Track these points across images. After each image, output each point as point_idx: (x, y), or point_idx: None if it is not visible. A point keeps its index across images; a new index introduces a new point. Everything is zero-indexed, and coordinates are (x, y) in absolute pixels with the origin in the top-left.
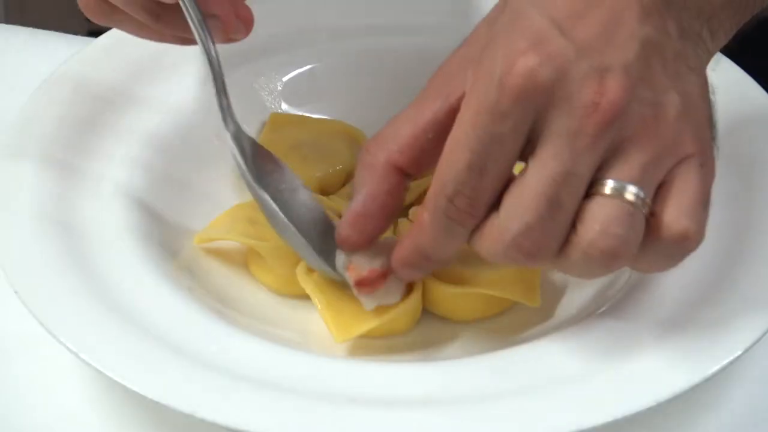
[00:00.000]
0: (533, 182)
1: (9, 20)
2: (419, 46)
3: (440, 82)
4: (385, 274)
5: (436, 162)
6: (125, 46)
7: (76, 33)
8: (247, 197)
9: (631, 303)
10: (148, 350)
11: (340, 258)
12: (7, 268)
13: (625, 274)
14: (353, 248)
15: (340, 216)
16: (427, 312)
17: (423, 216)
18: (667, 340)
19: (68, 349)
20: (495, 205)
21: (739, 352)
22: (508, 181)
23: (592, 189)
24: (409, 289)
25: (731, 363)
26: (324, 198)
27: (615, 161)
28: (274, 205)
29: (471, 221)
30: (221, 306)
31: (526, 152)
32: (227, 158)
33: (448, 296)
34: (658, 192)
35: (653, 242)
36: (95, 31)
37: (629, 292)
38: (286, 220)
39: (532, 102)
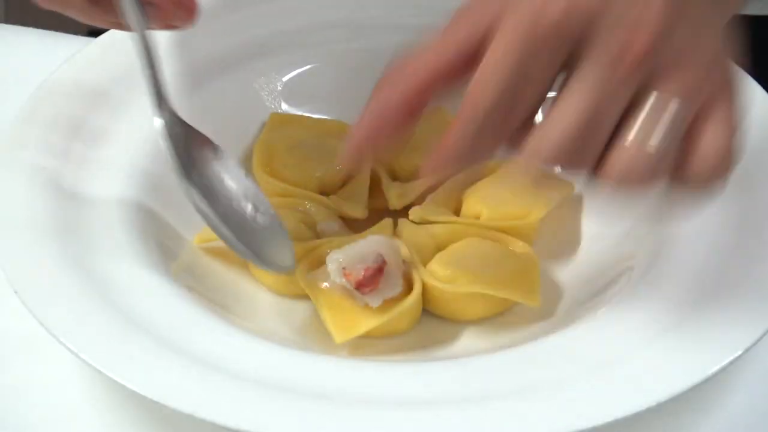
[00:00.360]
0: (578, 95)
1: (9, 20)
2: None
3: (472, 8)
4: (380, 269)
5: (462, 88)
6: (125, 46)
7: (76, 33)
8: None
9: (631, 303)
10: (148, 350)
11: (333, 266)
12: (7, 268)
13: (624, 275)
14: (359, 155)
15: (341, 216)
16: (427, 312)
17: (455, 125)
18: (667, 340)
19: (68, 349)
20: (533, 115)
21: (739, 352)
22: (544, 100)
23: (634, 101)
24: (410, 288)
25: (731, 363)
26: (326, 198)
27: (657, 80)
28: (198, 198)
29: (507, 129)
30: (221, 306)
31: (568, 68)
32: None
33: (448, 296)
34: (696, 115)
35: (689, 164)
36: (95, 31)
37: (629, 293)
38: (210, 212)
39: (576, 22)
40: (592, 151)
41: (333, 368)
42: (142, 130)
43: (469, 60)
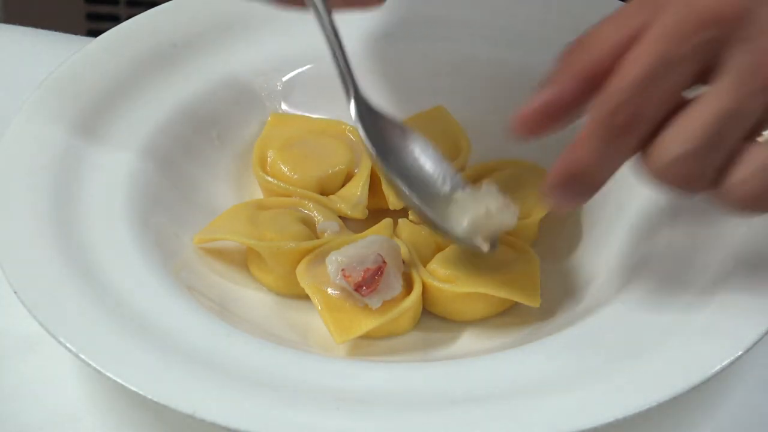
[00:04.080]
0: (702, 112)
1: (9, 20)
2: (419, 47)
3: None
4: (380, 270)
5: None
6: (124, 45)
7: (76, 33)
8: (246, 197)
9: (631, 303)
10: (148, 350)
11: (333, 268)
12: (7, 268)
13: (625, 276)
14: (518, 133)
15: (341, 216)
16: (427, 312)
17: (582, 131)
18: (667, 341)
19: (68, 349)
20: (658, 129)
21: (739, 352)
22: (677, 107)
23: (755, 130)
24: (410, 288)
25: (731, 363)
26: (326, 198)
27: None
28: (400, 184)
29: (629, 139)
30: (221, 306)
31: (701, 80)
32: (227, 158)
33: (448, 296)
34: None
35: None
36: (95, 31)
37: (629, 293)
38: (412, 197)
39: (715, 33)
40: (709, 171)
41: (333, 368)
42: (141, 130)
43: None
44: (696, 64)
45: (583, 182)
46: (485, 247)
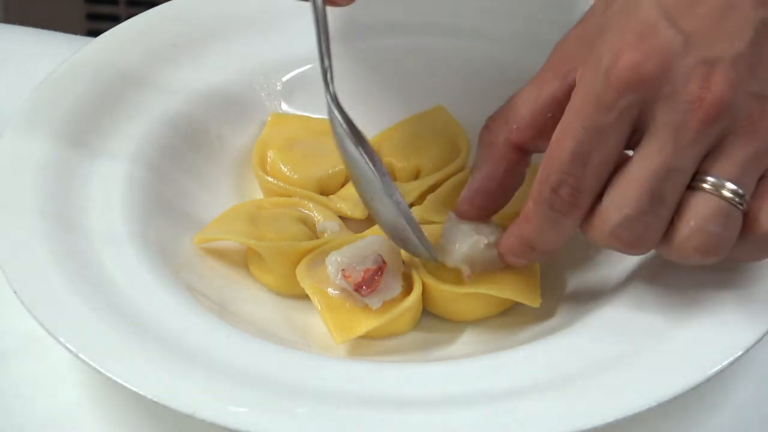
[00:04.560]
0: (637, 175)
1: (9, 20)
2: (419, 46)
3: (558, 60)
4: (380, 270)
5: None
6: (124, 45)
7: (76, 33)
8: (246, 197)
9: (632, 303)
10: (147, 350)
11: (332, 268)
12: (7, 268)
13: (625, 275)
14: (467, 217)
15: (341, 216)
16: (427, 312)
17: (528, 205)
18: (667, 341)
19: (68, 349)
20: (601, 195)
21: (740, 352)
22: (615, 171)
23: (693, 182)
24: (409, 289)
25: (731, 363)
26: (326, 198)
27: (717, 156)
28: (370, 166)
29: (574, 212)
30: (221, 306)
31: (632, 142)
32: (227, 158)
33: (448, 296)
34: (758, 186)
35: (747, 236)
36: (95, 31)
37: (629, 293)
38: (380, 183)
39: (637, 95)
40: (655, 231)
41: (333, 368)
42: (141, 131)
43: (560, 108)
44: (625, 127)
45: (537, 250)
46: (467, 271)
